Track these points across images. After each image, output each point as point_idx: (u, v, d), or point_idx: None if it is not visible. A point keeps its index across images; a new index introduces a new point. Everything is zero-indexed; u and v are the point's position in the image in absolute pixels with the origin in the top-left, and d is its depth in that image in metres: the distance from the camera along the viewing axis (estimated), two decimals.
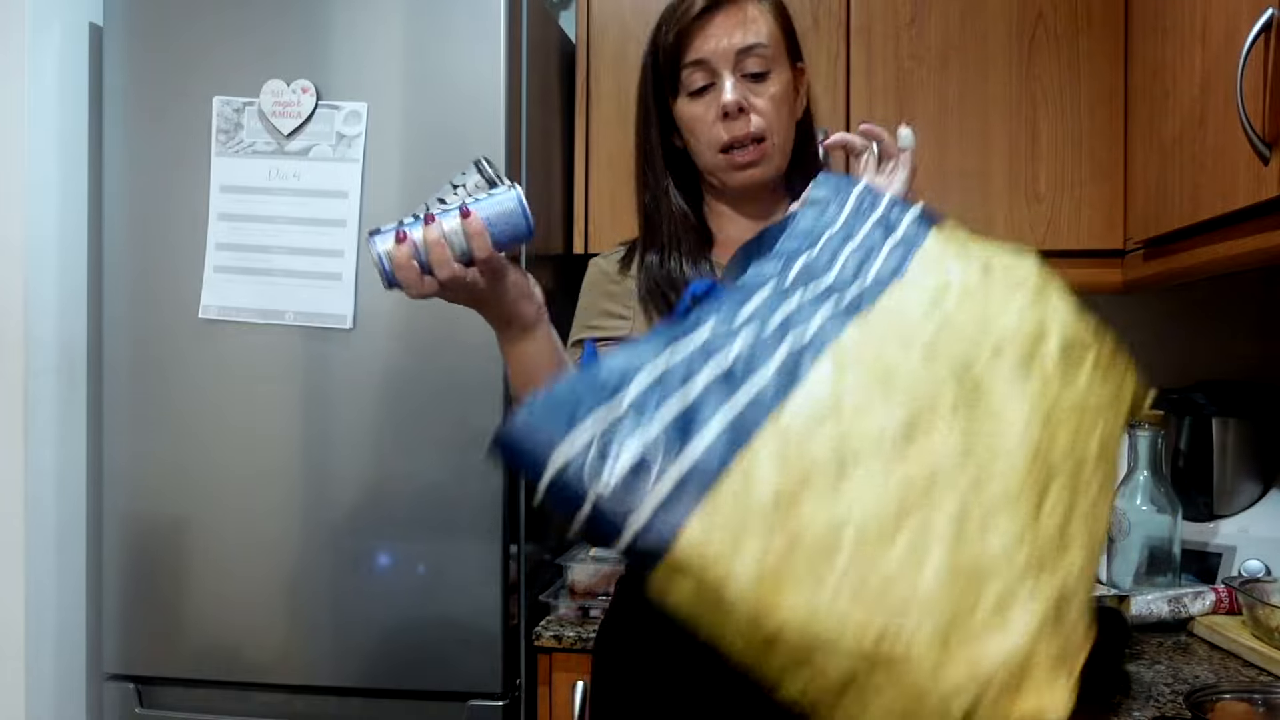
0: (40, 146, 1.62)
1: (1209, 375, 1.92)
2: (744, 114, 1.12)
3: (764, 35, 1.13)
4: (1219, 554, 1.58)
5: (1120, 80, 1.66)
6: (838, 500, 0.64)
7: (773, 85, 1.14)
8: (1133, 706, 1.16)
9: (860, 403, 0.68)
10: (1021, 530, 0.68)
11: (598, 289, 1.24)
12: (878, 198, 0.94)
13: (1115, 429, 0.82)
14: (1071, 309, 0.87)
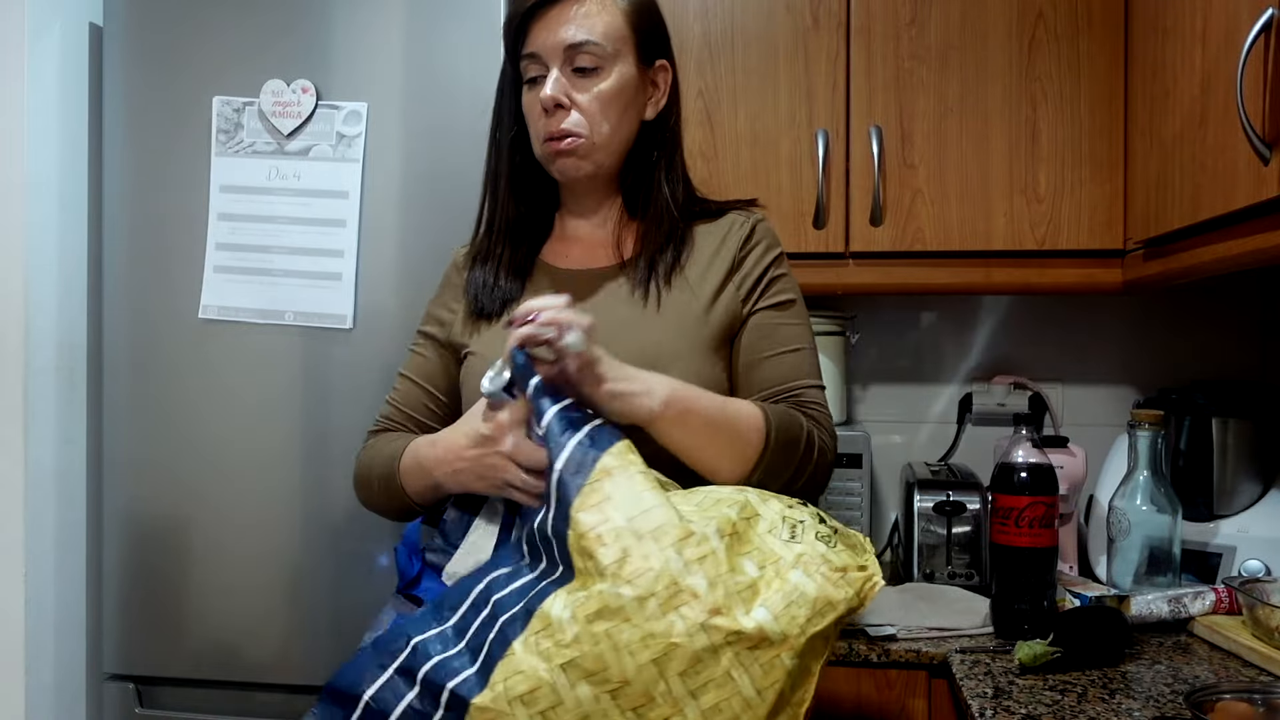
0: (40, 146, 1.62)
1: (1209, 375, 1.92)
2: (561, 109, 1.14)
3: (598, 32, 1.14)
4: (1219, 554, 1.58)
5: (1120, 80, 1.66)
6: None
7: (601, 82, 1.15)
8: (1133, 706, 1.16)
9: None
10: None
11: (445, 281, 1.30)
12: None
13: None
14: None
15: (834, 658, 1.44)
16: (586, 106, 1.14)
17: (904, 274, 1.73)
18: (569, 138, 1.15)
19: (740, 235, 1.20)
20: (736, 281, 1.18)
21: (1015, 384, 1.96)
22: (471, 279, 1.23)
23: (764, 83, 1.75)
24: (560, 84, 1.14)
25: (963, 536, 1.67)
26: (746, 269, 1.19)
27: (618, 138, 1.18)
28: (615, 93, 1.16)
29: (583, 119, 1.14)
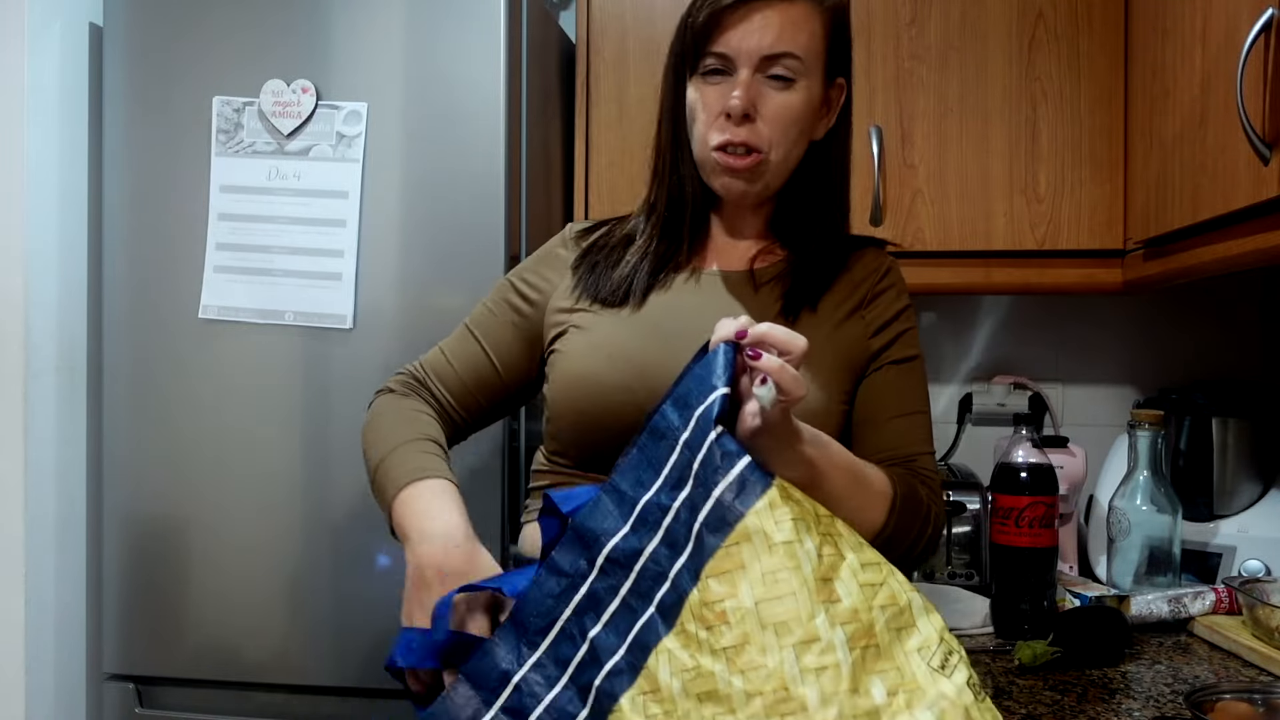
0: (40, 146, 1.62)
1: (1209, 375, 1.92)
2: (748, 120, 1.05)
3: (801, 45, 1.04)
4: (1219, 554, 1.58)
5: (1120, 80, 1.66)
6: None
7: (793, 97, 1.06)
8: (1133, 706, 1.16)
9: None
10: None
11: (547, 253, 1.22)
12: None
13: None
14: None
15: None
16: (773, 121, 1.05)
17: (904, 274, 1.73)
18: (751, 153, 1.06)
19: (876, 271, 1.15)
20: (867, 319, 1.12)
21: (1015, 384, 1.96)
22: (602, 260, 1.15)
23: None
24: (751, 91, 1.04)
25: (963, 536, 1.67)
26: (879, 309, 1.13)
27: (791, 159, 1.10)
28: (802, 111, 1.07)
29: (767, 134, 1.05)
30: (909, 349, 1.14)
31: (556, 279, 1.18)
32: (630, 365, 1.07)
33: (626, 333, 1.10)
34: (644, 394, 1.02)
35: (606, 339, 1.10)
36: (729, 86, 1.05)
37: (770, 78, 1.05)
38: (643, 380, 1.05)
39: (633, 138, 1.78)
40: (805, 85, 1.06)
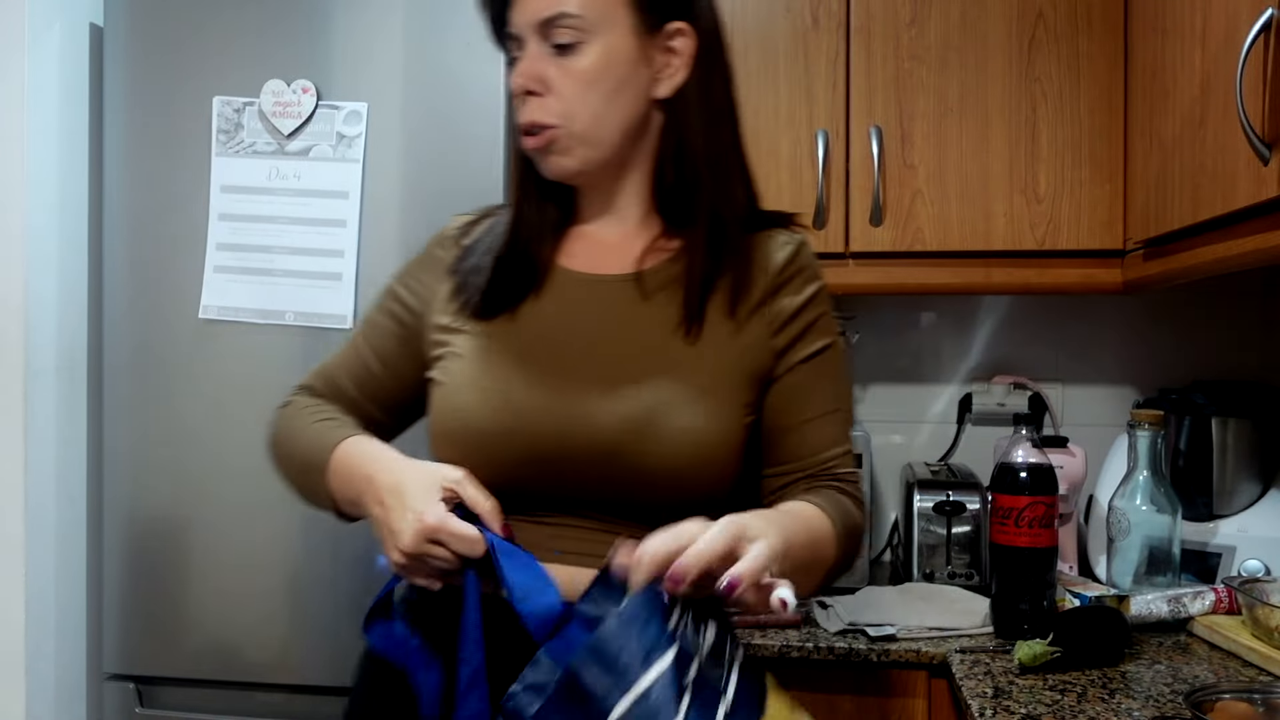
0: (40, 146, 1.62)
1: (1209, 375, 1.92)
2: (534, 96, 0.96)
3: (574, 1, 0.95)
4: (1219, 554, 1.58)
5: (1120, 80, 1.66)
6: None
7: (581, 60, 0.95)
8: (1133, 706, 1.16)
9: None
10: None
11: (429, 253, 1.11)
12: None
13: None
14: None
15: (834, 657, 1.44)
16: (563, 90, 0.96)
17: (904, 274, 1.73)
18: (540, 130, 0.97)
19: (781, 258, 1.03)
20: (769, 317, 1.01)
21: (1015, 384, 1.96)
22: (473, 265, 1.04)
23: (764, 83, 1.75)
24: (533, 65, 0.96)
25: (963, 536, 1.67)
26: (783, 302, 1.01)
27: (608, 125, 0.98)
28: (600, 71, 0.96)
29: (558, 105, 0.96)
30: (820, 339, 1.03)
31: (436, 285, 1.07)
32: (507, 406, 0.96)
33: (500, 363, 0.99)
34: (523, 441, 0.94)
35: (481, 371, 0.99)
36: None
37: (557, 49, 0.96)
38: (520, 422, 0.95)
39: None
40: (599, 42, 0.95)
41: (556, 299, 1.02)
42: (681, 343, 0.98)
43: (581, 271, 1.03)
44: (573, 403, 0.95)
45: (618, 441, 0.93)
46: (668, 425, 0.93)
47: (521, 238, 1.03)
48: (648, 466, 0.93)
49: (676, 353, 0.97)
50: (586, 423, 0.94)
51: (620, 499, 0.94)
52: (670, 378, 0.95)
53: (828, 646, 1.44)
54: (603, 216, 1.05)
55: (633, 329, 0.99)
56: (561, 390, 0.96)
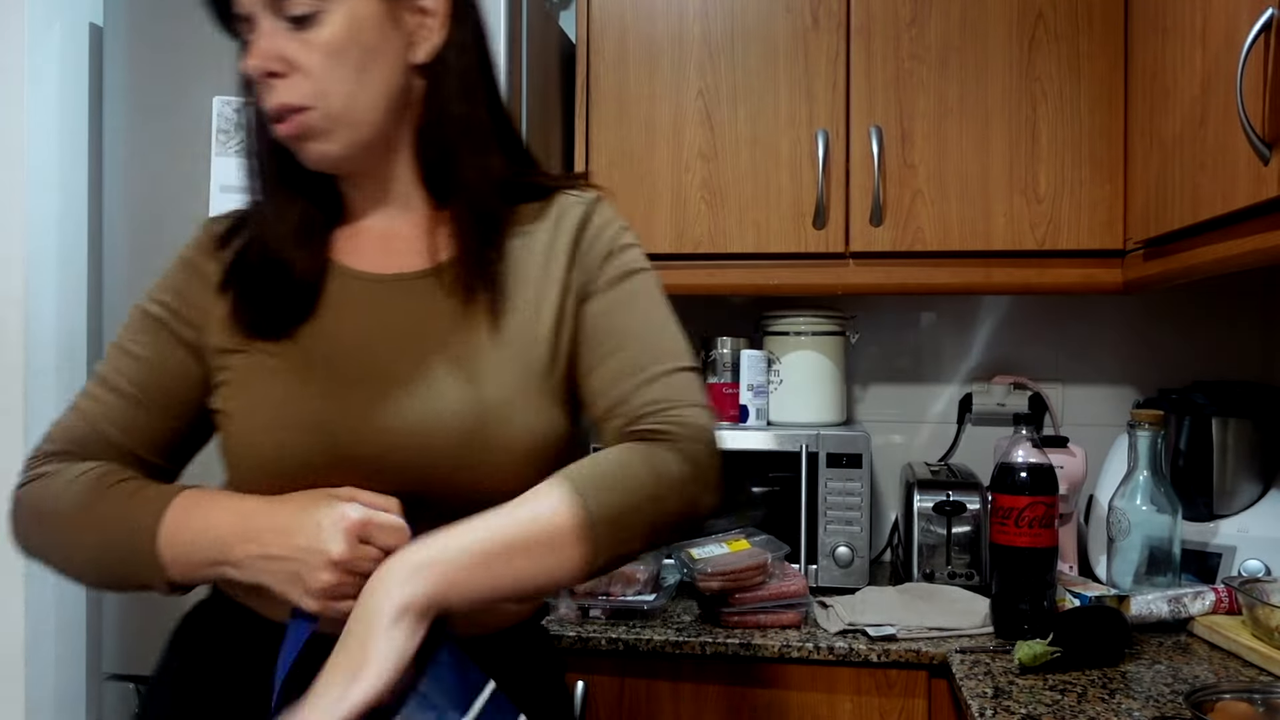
0: (40, 146, 1.62)
1: (1209, 375, 1.92)
2: (276, 78, 0.85)
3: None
4: (1219, 554, 1.58)
5: (1120, 80, 1.66)
6: None
7: (322, 32, 0.84)
8: (1133, 706, 1.16)
9: None
10: None
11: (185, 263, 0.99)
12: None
13: None
14: None
15: (834, 657, 1.44)
16: (310, 67, 0.84)
17: (904, 274, 1.73)
18: (291, 114, 0.85)
19: (573, 224, 0.93)
20: (574, 286, 0.92)
21: (1015, 384, 1.96)
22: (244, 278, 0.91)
23: (764, 83, 1.75)
24: (270, 43, 0.85)
25: (963, 536, 1.67)
26: (585, 269, 0.92)
27: (366, 100, 0.87)
28: (345, 40, 0.85)
29: (307, 85, 0.84)
30: (619, 268, 0.93)
31: (206, 303, 0.93)
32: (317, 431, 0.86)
33: (297, 384, 0.88)
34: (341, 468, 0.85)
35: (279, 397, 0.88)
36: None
37: (293, 22, 0.85)
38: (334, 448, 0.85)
39: (633, 138, 1.78)
40: (339, 8, 0.85)
41: (347, 307, 0.90)
42: (491, 335, 0.88)
43: (370, 272, 0.92)
44: (390, 417, 0.85)
45: (453, 456, 0.84)
46: (502, 433, 0.85)
47: (272, 246, 0.90)
48: (485, 475, 0.85)
49: (488, 347, 0.88)
50: (412, 440, 0.84)
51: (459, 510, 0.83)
52: (491, 376, 0.87)
53: (828, 646, 1.44)
54: (381, 207, 0.94)
55: (438, 328, 0.88)
56: (375, 406, 0.85)
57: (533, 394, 0.88)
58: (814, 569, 1.71)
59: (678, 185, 1.77)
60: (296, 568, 0.78)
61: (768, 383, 1.86)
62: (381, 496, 0.82)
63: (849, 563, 1.69)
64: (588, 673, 1.50)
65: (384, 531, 0.79)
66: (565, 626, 1.53)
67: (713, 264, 1.78)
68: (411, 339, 0.88)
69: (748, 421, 1.82)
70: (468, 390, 0.86)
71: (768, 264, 1.77)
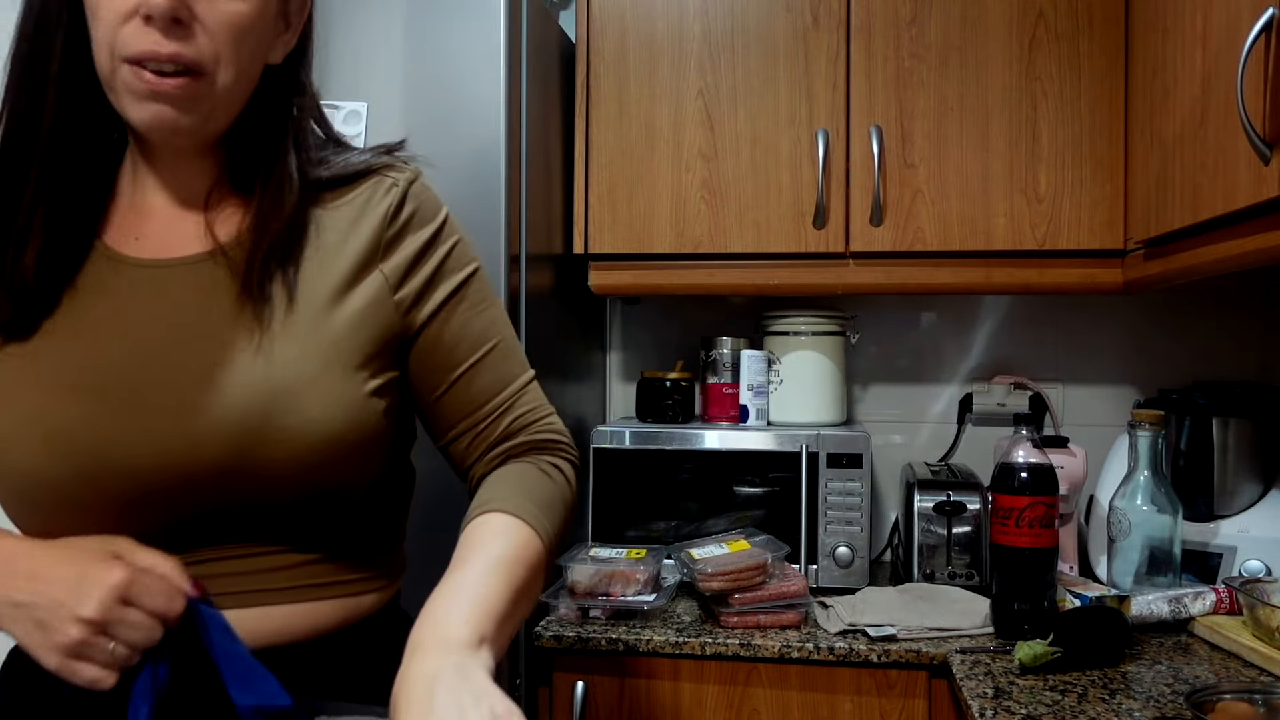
0: None
1: (1209, 375, 1.92)
2: (179, 26, 0.76)
3: None
4: (1219, 554, 1.58)
5: (1120, 80, 1.66)
6: None
7: (244, 4, 0.79)
8: (1133, 707, 1.16)
9: None
10: None
11: None
12: None
13: None
14: None
15: (834, 658, 1.44)
16: (219, 30, 0.78)
17: (904, 274, 1.73)
18: (183, 73, 0.77)
19: (385, 208, 0.89)
20: (387, 273, 0.88)
21: (1015, 384, 1.96)
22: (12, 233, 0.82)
23: (764, 82, 1.75)
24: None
25: (963, 536, 1.67)
26: (401, 256, 0.89)
27: (242, 85, 0.82)
28: (255, 22, 0.81)
29: (210, 48, 0.78)
30: (452, 278, 0.92)
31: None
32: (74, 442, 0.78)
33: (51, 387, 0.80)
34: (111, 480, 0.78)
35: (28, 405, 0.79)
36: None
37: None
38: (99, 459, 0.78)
39: (633, 137, 1.78)
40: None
41: (112, 293, 0.83)
42: (280, 324, 0.82)
43: (141, 257, 0.85)
44: (159, 421, 0.78)
45: (233, 453, 0.78)
46: (284, 423, 0.79)
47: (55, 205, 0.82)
48: (272, 474, 0.79)
49: (277, 337, 0.82)
50: (186, 440, 0.78)
51: (251, 517, 0.80)
52: (276, 367, 0.81)
53: (828, 647, 1.44)
54: (164, 188, 0.87)
55: (217, 317, 0.82)
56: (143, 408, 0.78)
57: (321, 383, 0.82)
58: (814, 569, 1.71)
59: (678, 185, 1.77)
60: (43, 617, 0.71)
61: (768, 383, 1.86)
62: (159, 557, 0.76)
63: (849, 563, 1.69)
64: (588, 673, 1.50)
65: (151, 594, 0.72)
66: (565, 626, 1.53)
67: (713, 264, 1.78)
68: (188, 331, 0.81)
69: (748, 421, 1.82)
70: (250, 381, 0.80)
71: (768, 264, 1.77)
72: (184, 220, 0.86)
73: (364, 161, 0.91)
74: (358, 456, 0.84)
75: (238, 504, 0.80)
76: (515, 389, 0.94)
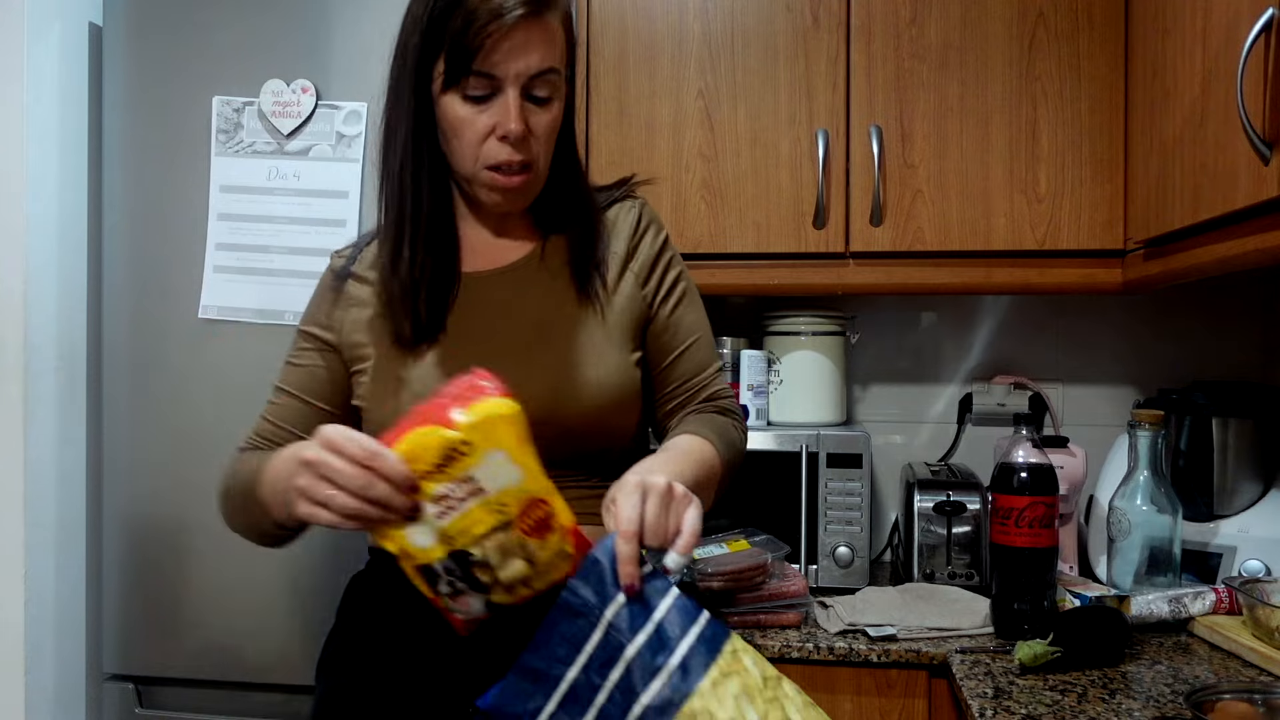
0: (40, 146, 1.62)
1: (1209, 375, 1.92)
2: (523, 141, 1.05)
3: (556, 58, 1.05)
4: (1219, 554, 1.58)
5: (1120, 80, 1.66)
6: None
7: (553, 110, 1.08)
8: (1133, 707, 1.16)
9: None
10: None
11: (322, 291, 1.20)
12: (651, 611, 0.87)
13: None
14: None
15: (834, 658, 1.44)
16: (543, 137, 1.08)
17: (904, 274, 1.73)
18: (526, 170, 1.07)
19: (630, 222, 1.19)
20: (634, 270, 1.17)
21: (1015, 384, 1.96)
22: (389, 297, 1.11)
23: (764, 83, 1.75)
24: (524, 112, 1.04)
25: (963, 536, 1.67)
26: (642, 258, 1.17)
27: (548, 161, 1.12)
28: (559, 118, 1.09)
29: (536, 149, 1.07)
30: (675, 277, 1.20)
31: (343, 314, 1.16)
32: None
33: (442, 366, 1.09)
34: None
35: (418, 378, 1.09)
36: (497, 109, 1.04)
37: (533, 96, 1.05)
38: None
39: (633, 137, 1.78)
40: (561, 94, 1.09)
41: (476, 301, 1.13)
42: (578, 311, 1.12)
43: (490, 270, 1.15)
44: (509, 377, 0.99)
45: (550, 401, 1.04)
46: (583, 380, 1.08)
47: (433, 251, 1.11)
48: (572, 418, 1.05)
49: (576, 320, 1.12)
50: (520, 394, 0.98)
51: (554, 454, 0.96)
52: (585, 340, 1.10)
53: (828, 647, 1.44)
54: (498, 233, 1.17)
55: (540, 307, 1.13)
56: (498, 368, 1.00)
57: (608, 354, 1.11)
58: (814, 569, 1.71)
59: (678, 185, 1.77)
60: (291, 472, 0.89)
61: (768, 383, 1.86)
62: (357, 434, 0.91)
63: (849, 563, 1.69)
64: None
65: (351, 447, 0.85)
66: None
67: (713, 264, 1.78)
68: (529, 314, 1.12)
69: (748, 422, 1.82)
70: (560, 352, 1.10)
71: (768, 264, 1.77)
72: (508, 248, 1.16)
73: (619, 192, 1.22)
74: (628, 410, 1.13)
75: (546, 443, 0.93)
76: (713, 371, 1.20)
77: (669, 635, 0.84)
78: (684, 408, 1.18)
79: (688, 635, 0.84)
